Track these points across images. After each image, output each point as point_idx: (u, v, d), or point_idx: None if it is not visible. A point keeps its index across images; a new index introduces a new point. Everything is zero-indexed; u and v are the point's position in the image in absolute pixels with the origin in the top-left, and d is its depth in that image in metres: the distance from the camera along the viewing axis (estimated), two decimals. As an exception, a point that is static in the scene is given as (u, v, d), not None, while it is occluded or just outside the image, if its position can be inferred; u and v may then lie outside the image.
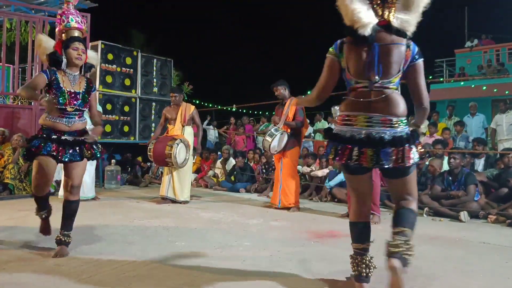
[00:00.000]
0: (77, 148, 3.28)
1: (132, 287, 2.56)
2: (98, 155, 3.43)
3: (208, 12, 33.56)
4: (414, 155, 2.25)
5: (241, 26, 33.06)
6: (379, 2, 2.23)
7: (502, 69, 14.43)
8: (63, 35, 3.31)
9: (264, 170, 8.08)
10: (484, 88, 13.54)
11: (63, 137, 3.21)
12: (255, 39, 33.39)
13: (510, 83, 12.83)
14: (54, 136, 3.19)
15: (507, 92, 12.81)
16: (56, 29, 3.38)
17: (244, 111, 13.74)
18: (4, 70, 7.42)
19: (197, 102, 15.68)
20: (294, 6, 34.23)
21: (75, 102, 3.26)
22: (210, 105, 15.40)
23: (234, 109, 11.85)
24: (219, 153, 9.29)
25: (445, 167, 6.02)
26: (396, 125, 2.25)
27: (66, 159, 3.23)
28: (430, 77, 15.16)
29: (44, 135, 3.19)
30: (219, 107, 13.61)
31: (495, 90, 13.31)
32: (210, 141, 12.31)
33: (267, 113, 13.21)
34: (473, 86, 13.92)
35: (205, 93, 17.89)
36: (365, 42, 2.22)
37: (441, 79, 15.69)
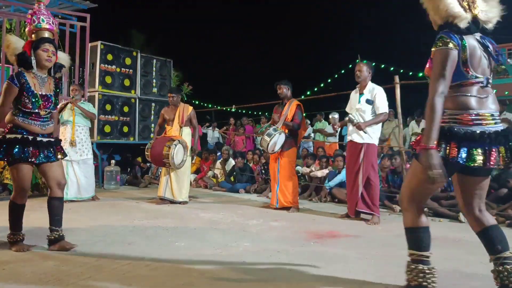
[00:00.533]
0: (51, 149, 3.33)
1: (132, 287, 2.56)
2: (66, 154, 3.62)
3: (208, 12, 33.57)
4: None
5: (241, 26, 33.06)
6: None
7: (502, 69, 14.43)
8: (33, 35, 3.29)
9: (263, 171, 8.08)
10: (484, 88, 13.54)
11: (38, 139, 3.24)
12: (255, 40, 33.39)
13: (510, 83, 12.85)
14: (30, 137, 3.20)
15: (506, 93, 12.83)
16: (26, 29, 3.36)
17: (244, 111, 13.75)
18: (4, 70, 7.41)
19: (197, 102, 15.70)
20: (294, 6, 34.27)
21: (48, 105, 3.27)
22: (210, 106, 15.41)
23: (233, 110, 11.85)
24: (218, 153, 9.28)
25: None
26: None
27: (42, 161, 3.25)
28: (430, 77, 15.16)
29: (19, 137, 3.17)
30: (219, 107, 13.61)
31: (495, 90, 13.32)
32: (210, 144, 12.32)
33: (266, 113, 13.22)
34: (472, 86, 13.91)
35: (204, 94, 17.91)
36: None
37: (441, 80, 15.68)
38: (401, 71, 13.69)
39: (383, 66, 14.69)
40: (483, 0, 2.22)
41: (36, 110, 3.20)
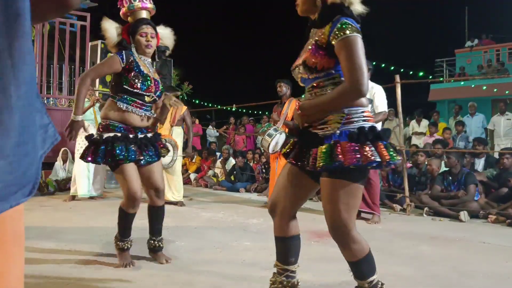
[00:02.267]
0: (152, 146, 2.88)
1: (132, 287, 2.56)
2: (169, 150, 3.23)
3: (208, 11, 33.56)
4: None
5: (242, 25, 33.05)
6: None
7: (502, 69, 14.43)
8: (129, 18, 2.86)
9: (264, 170, 8.08)
10: (484, 88, 13.55)
11: (139, 136, 2.83)
12: (255, 39, 33.39)
13: (510, 83, 12.84)
14: (131, 136, 2.76)
15: (507, 92, 12.82)
16: (120, 13, 2.92)
17: (244, 110, 13.74)
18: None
19: (197, 101, 15.68)
20: (295, 5, 34.19)
21: (157, 89, 2.86)
22: (210, 105, 15.40)
23: (234, 109, 11.84)
24: (218, 153, 9.28)
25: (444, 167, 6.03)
26: None
27: (145, 162, 2.82)
28: (430, 77, 15.17)
29: (118, 135, 2.73)
30: (219, 106, 13.61)
31: (495, 90, 13.33)
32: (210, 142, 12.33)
33: (266, 112, 13.21)
34: (473, 86, 13.93)
35: (205, 93, 17.91)
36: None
37: (441, 79, 15.71)
38: (402, 70, 13.70)
39: (383, 65, 14.69)
40: None
41: (144, 92, 2.77)
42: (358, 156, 1.70)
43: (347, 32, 1.73)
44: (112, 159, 2.67)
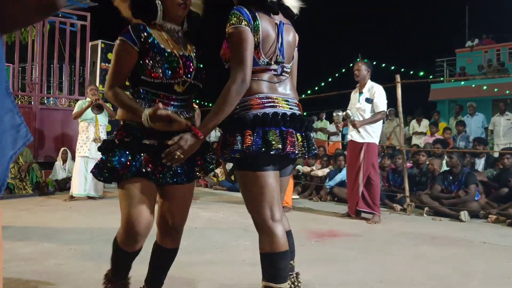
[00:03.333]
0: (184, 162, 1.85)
1: (131, 286, 2.56)
2: (211, 168, 2.04)
3: (208, 11, 33.51)
4: None
5: (241, 25, 33.05)
6: None
7: (502, 68, 14.43)
8: None
9: (264, 170, 8.07)
10: (485, 88, 13.54)
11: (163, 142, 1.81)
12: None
13: (510, 82, 12.83)
14: (146, 142, 1.84)
15: (507, 92, 12.81)
16: None
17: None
18: (5, 69, 7.41)
19: (197, 101, 15.68)
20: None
21: (190, 70, 1.92)
22: (210, 105, 15.40)
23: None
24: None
25: (445, 167, 6.02)
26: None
27: (167, 182, 1.89)
28: (431, 76, 15.16)
29: (128, 140, 1.86)
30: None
31: (495, 89, 13.32)
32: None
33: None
34: (473, 85, 13.92)
35: (205, 92, 17.84)
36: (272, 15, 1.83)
37: (442, 79, 15.70)
38: (402, 70, 13.68)
39: (384, 65, 14.68)
40: None
41: (171, 81, 1.85)
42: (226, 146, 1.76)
43: (228, 24, 1.73)
44: (110, 171, 1.84)
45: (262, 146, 1.69)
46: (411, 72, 13.97)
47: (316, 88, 14.87)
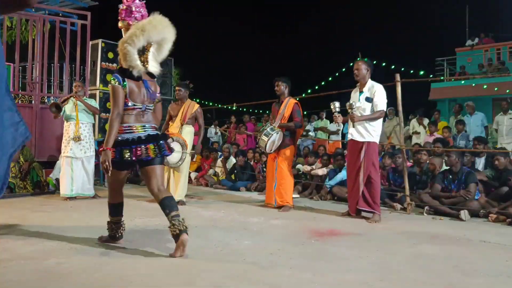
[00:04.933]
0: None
1: (132, 285, 2.56)
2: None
3: (209, 10, 33.52)
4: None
5: (242, 24, 33.02)
6: (140, 54, 3.26)
7: (502, 67, 14.40)
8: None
9: (264, 169, 8.08)
10: (485, 87, 13.54)
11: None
12: (256, 38, 33.36)
13: (511, 81, 12.82)
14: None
15: (508, 91, 12.79)
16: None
17: (245, 109, 13.73)
18: (5, 69, 7.40)
19: (198, 100, 15.67)
20: (296, 4, 34.19)
21: None
22: (211, 104, 15.40)
23: (234, 108, 11.84)
24: (219, 153, 9.29)
25: (446, 166, 6.02)
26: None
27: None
28: (431, 76, 15.15)
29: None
30: (220, 105, 13.61)
31: (496, 89, 13.31)
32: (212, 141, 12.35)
33: (267, 111, 13.22)
34: (473, 85, 13.92)
35: (205, 92, 17.91)
36: (139, 79, 3.34)
37: (442, 78, 15.69)
38: (402, 69, 13.68)
39: (384, 64, 14.67)
40: (152, 59, 3.33)
41: None
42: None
43: (111, 82, 3.25)
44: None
45: (120, 157, 3.16)
46: (411, 71, 13.98)
47: (317, 87, 14.90)
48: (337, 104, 4.97)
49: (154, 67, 3.35)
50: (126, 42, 3.17)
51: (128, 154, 3.15)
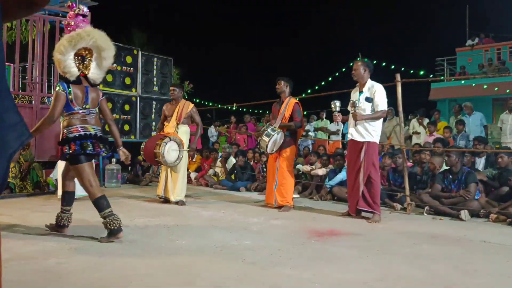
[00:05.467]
0: None
1: (132, 285, 2.56)
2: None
3: (209, 10, 33.53)
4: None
5: (242, 24, 33.03)
6: (80, 62, 3.69)
7: (503, 67, 14.40)
8: None
9: (264, 169, 8.08)
10: (485, 87, 13.52)
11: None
12: (256, 38, 33.37)
13: (511, 81, 12.81)
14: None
15: (508, 91, 12.79)
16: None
17: (245, 109, 13.73)
18: (5, 68, 7.40)
19: (197, 100, 15.68)
20: (297, 4, 34.20)
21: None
22: (211, 104, 15.40)
23: (234, 108, 11.84)
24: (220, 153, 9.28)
25: (445, 166, 6.02)
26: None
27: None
28: (431, 75, 15.15)
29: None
30: (220, 105, 13.61)
31: (496, 89, 13.30)
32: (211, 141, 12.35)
33: (267, 111, 13.22)
34: (473, 85, 13.90)
35: (205, 92, 17.91)
36: (79, 83, 3.72)
37: (442, 78, 15.67)
38: (402, 69, 13.69)
39: (384, 64, 14.68)
40: (96, 67, 3.76)
41: None
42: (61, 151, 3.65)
43: (55, 88, 3.66)
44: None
45: (80, 150, 3.56)
46: (411, 71, 13.99)
47: (317, 87, 14.91)
48: (337, 103, 4.97)
49: (95, 74, 3.76)
50: (56, 51, 3.61)
51: (91, 146, 3.61)
